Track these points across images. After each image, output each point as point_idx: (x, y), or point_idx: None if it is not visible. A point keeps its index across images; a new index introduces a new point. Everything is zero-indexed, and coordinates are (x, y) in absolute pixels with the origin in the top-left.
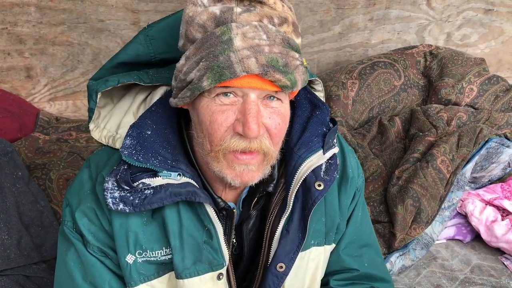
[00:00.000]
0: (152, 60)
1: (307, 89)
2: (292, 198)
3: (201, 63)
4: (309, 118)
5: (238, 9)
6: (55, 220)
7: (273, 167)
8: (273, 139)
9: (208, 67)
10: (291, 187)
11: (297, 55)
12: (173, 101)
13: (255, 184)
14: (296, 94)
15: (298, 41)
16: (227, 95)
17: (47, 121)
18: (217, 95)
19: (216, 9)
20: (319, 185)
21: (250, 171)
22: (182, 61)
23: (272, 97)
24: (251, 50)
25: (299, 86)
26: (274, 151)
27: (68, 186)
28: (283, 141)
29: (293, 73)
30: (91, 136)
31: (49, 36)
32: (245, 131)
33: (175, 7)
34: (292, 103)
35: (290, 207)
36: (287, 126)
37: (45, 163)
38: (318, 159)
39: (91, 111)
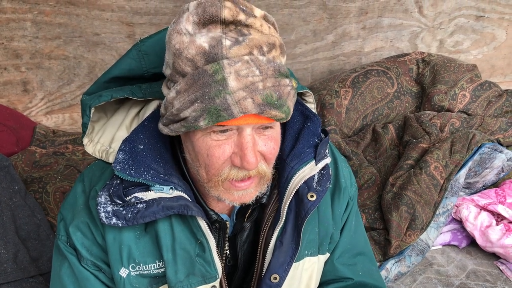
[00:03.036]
0: (145, 74)
1: (299, 101)
2: (285, 209)
3: (196, 104)
4: (300, 129)
5: (227, 42)
6: (52, 233)
7: None
8: (268, 162)
9: (205, 109)
10: (284, 199)
11: (287, 81)
12: (164, 129)
13: None
14: None
15: (284, 60)
16: (223, 131)
17: (43, 134)
18: (213, 131)
19: (204, 41)
20: (312, 196)
21: (249, 193)
22: (172, 93)
23: (266, 127)
24: (247, 90)
25: (291, 112)
26: (269, 171)
27: (63, 200)
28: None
29: (286, 103)
30: None
31: (45, 50)
32: (244, 165)
33: (169, 19)
34: None
35: (283, 218)
36: (279, 146)
37: (41, 177)
38: (310, 170)
39: (84, 125)
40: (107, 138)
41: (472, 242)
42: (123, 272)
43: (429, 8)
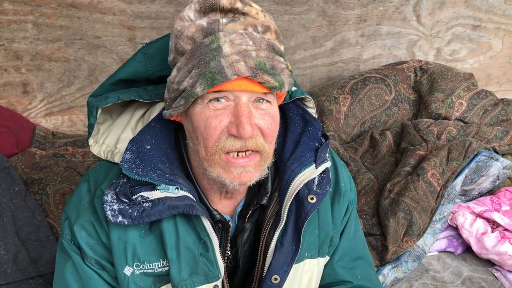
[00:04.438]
0: (151, 77)
1: (299, 106)
2: (286, 211)
3: (193, 71)
4: (301, 133)
5: (224, 20)
6: (52, 235)
7: (267, 180)
8: (266, 138)
9: (200, 74)
10: (285, 200)
11: (282, 59)
12: (166, 112)
13: (250, 197)
14: (288, 109)
15: (281, 47)
16: (219, 100)
17: (43, 136)
18: (210, 100)
19: (203, 21)
20: (312, 198)
21: (248, 172)
22: (174, 72)
23: (261, 100)
24: (240, 55)
25: (286, 88)
26: (269, 148)
27: (67, 200)
28: (276, 143)
29: (280, 75)
30: (87, 151)
31: (45, 52)
32: (240, 132)
33: (170, 24)
34: (285, 119)
35: (284, 220)
36: (278, 127)
37: (41, 178)
38: (310, 173)
39: (90, 126)
40: (113, 139)
41: (467, 249)
42: (128, 271)
43: (427, 17)
